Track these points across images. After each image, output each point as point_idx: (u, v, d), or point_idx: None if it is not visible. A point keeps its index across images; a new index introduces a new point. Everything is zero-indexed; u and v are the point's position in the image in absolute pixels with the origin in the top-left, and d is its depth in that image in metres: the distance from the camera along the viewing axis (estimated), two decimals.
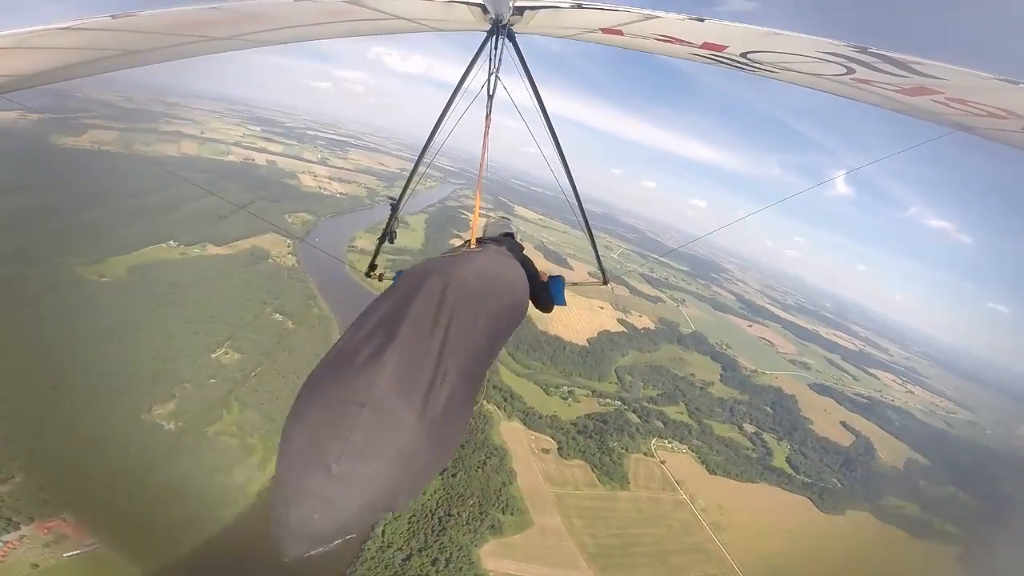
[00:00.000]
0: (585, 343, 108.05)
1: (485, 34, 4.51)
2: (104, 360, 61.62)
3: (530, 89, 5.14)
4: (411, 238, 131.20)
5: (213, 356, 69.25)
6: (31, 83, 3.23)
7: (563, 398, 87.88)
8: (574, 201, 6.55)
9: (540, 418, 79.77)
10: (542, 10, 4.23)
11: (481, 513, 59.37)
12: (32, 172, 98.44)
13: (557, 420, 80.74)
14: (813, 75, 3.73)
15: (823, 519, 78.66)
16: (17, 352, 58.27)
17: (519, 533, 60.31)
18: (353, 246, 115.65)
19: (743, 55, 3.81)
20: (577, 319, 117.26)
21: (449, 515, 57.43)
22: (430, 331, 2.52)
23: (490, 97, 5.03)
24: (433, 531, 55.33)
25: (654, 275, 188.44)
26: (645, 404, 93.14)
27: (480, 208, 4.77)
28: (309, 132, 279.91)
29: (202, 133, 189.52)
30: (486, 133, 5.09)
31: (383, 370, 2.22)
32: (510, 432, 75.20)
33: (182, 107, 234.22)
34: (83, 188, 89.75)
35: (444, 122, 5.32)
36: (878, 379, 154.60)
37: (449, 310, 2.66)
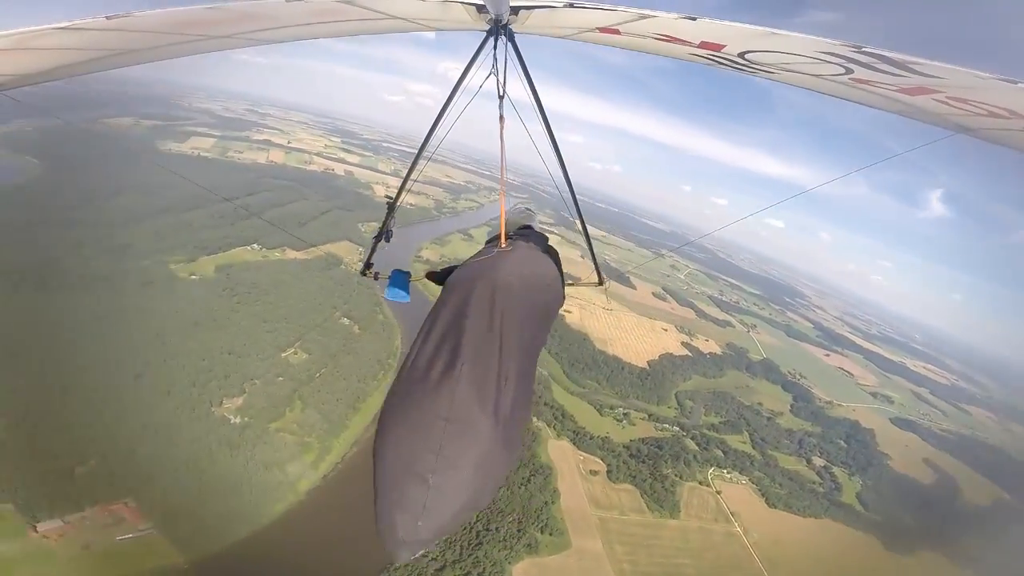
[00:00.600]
0: (645, 365, 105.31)
1: (485, 34, 4.60)
2: (185, 353, 66.32)
3: (528, 89, 5.23)
4: (473, 249, 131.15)
5: (283, 355, 73.08)
6: (30, 81, 3.45)
7: (617, 420, 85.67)
8: (574, 203, 6.78)
9: (591, 439, 78.11)
10: (538, 10, 4.29)
11: (519, 530, 58.64)
12: (140, 174, 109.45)
13: (609, 442, 78.81)
14: (812, 76, 3.67)
15: (889, 559, 73.41)
16: (108, 341, 63.69)
17: (556, 554, 59.12)
18: (419, 256, 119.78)
19: (741, 55, 3.78)
20: (638, 340, 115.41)
21: (487, 529, 57.11)
22: (488, 338, 2.80)
23: (501, 97, 5.14)
24: (469, 544, 55.16)
25: (723, 298, 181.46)
26: (705, 431, 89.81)
27: (502, 209, 4.78)
28: (384, 144, 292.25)
29: (288, 143, 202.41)
30: (501, 133, 5.13)
31: (458, 384, 2.53)
32: (558, 451, 73.99)
33: (273, 117, 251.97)
34: (183, 191, 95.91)
35: (443, 123, 5.51)
36: (971, 415, 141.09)
37: (499, 314, 2.95)
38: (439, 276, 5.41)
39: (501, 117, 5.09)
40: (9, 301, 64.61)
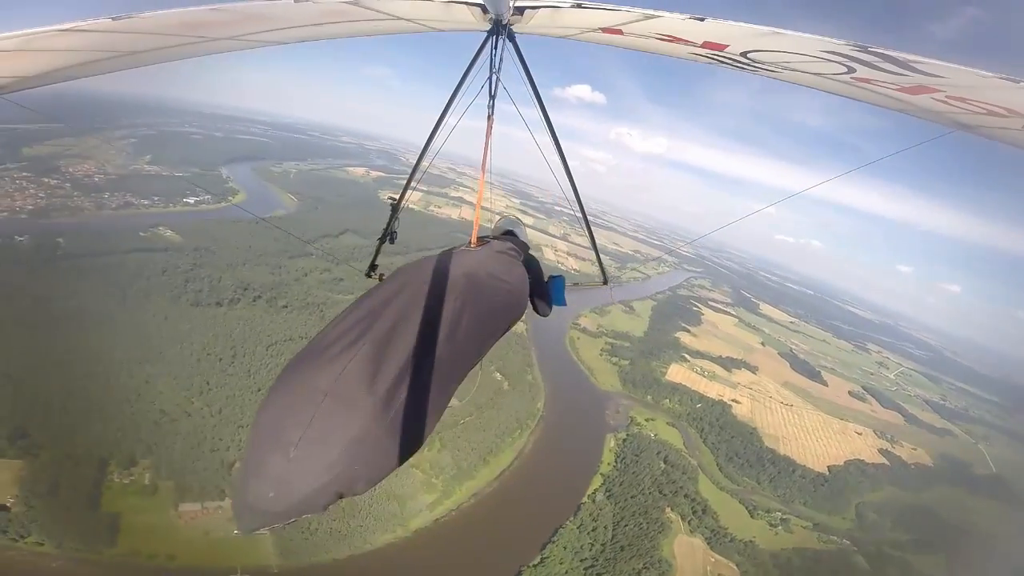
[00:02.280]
0: (824, 470, 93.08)
1: (485, 34, 4.64)
2: None
3: (531, 90, 5.32)
4: (634, 324, 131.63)
5: None
6: (34, 84, 3.35)
7: (771, 524, 75.60)
8: (578, 208, 6.88)
9: (731, 541, 70.13)
10: (542, 10, 4.33)
11: None
12: (363, 218, 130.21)
13: (752, 547, 69.70)
14: (814, 75, 3.79)
15: None
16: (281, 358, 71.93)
17: None
18: (577, 324, 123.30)
19: (743, 54, 3.89)
20: (821, 442, 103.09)
21: None
22: (405, 327, 2.68)
23: (492, 97, 5.15)
24: None
25: (946, 403, 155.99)
26: (886, 549, 77.57)
27: (477, 209, 4.84)
28: (556, 208, 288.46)
29: (473, 200, 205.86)
30: (488, 133, 5.25)
31: (351, 362, 2.41)
32: (685, 548, 67.38)
33: (468, 176, 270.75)
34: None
35: (443, 124, 5.55)
36: None
37: (430, 307, 2.85)
38: None
39: (489, 116, 5.16)
40: (245, 313, 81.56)
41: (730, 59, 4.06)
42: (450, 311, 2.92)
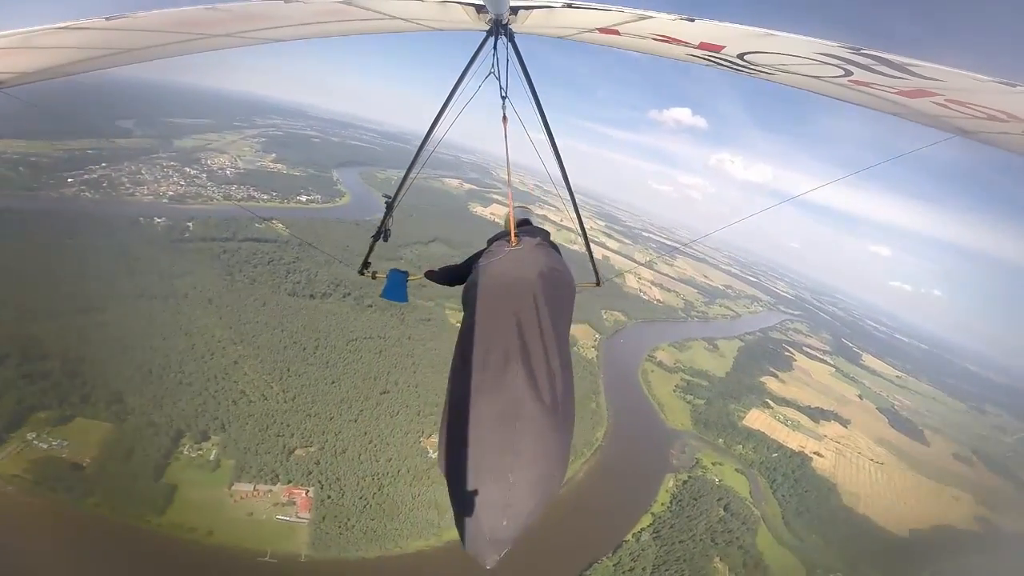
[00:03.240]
0: (905, 534, 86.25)
1: (484, 34, 4.75)
2: (427, 386, 76.23)
3: (528, 90, 5.36)
4: (716, 363, 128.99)
5: None
6: (30, 80, 3.70)
7: None
8: (572, 202, 6.95)
9: None
10: (537, 10, 4.43)
11: None
12: (451, 228, 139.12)
13: None
14: (810, 77, 3.76)
15: None
16: (382, 357, 79.69)
17: None
18: (652, 356, 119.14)
19: (740, 56, 3.88)
20: (908, 504, 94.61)
21: None
22: (532, 335, 3.03)
23: (503, 98, 5.37)
24: None
25: None
26: None
27: (510, 207, 5.17)
28: (644, 233, 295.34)
29: (560, 220, 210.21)
30: (505, 133, 5.52)
31: (520, 384, 2.75)
32: None
33: (553, 195, 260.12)
34: (473, 249, 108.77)
35: (442, 123, 5.65)
36: None
37: (537, 311, 3.19)
38: (439, 275, 5.61)
39: (504, 118, 5.37)
40: (334, 307, 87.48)
41: (727, 61, 4.05)
42: (549, 310, 3.27)
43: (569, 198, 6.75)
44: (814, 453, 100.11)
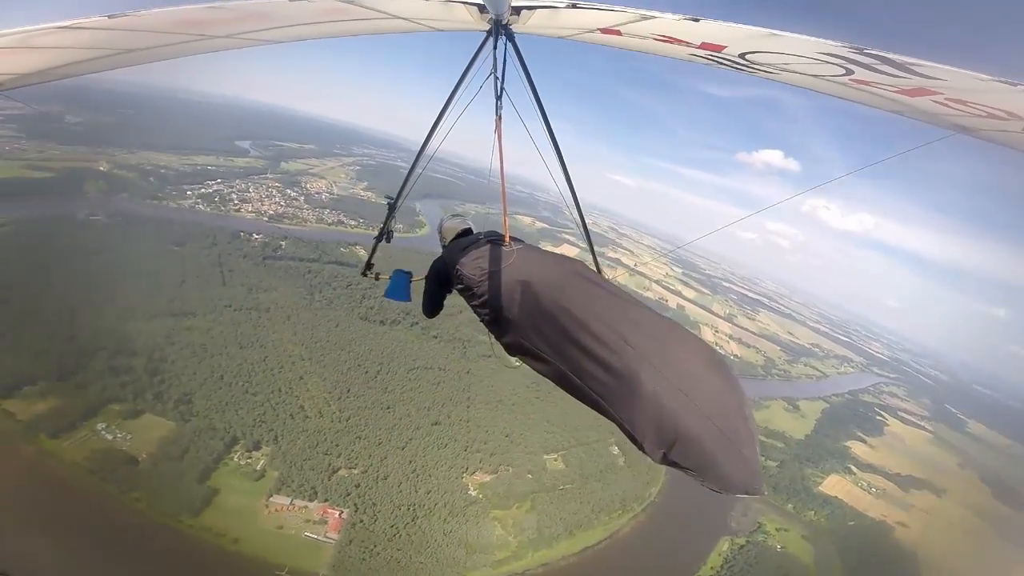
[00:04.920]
0: None
1: (484, 34, 4.86)
2: (477, 421, 78.88)
3: (529, 90, 5.42)
4: (795, 424, 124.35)
5: (544, 457, 79.40)
6: (31, 81, 3.91)
7: None
8: (575, 204, 6.95)
9: None
10: (539, 10, 4.52)
11: None
12: None
13: None
14: (812, 76, 3.83)
15: None
16: (438, 388, 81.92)
17: None
18: None
19: (741, 56, 3.94)
20: None
21: None
22: (628, 313, 3.48)
23: (498, 98, 5.43)
24: None
25: None
26: None
27: (503, 210, 5.36)
28: (724, 283, 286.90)
29: (635, 264, 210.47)
30: (498, 134, 5.56)
31: (686, 336, 3.33)
32: None
33: (628, 238, 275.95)
34: None
35: (443, 123, 5.75)
36: None
37: (601, 294, 3.65)
38: (431, 283, 5.69)
39: (498, 117, 5.41)
40: (400, 335, 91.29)
41: (728, 60, 4.11)
42: (602, 282, 3.87)
43: (571, 198, 6.70)
44: (897, 523, 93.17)
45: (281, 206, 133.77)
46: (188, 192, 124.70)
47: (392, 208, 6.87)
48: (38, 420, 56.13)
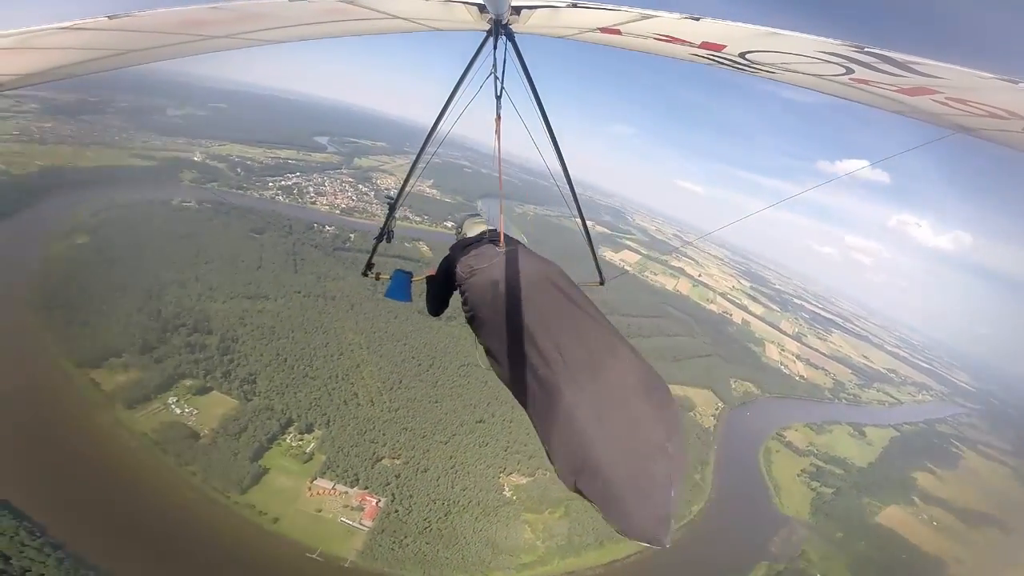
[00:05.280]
0: None
1: (484, 34, 4.85)
2: (520, 423, 76.70)
3: (529, 90, 5.39)
4: (859, 451, 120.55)
5: None
6: (32, 81, 3.92)
7: None
8: (575, 202, 7.06)
9: None
10: (539, 10, 4.50)
11: None
12: (576, 274, 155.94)
13: None
14: (812, 75, 3.78)
15: None
16: (486, 389, 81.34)
17: None
18: (781, 435, 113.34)
19: (742, 55, 3.94)
20: None
21: None
22: (582, 321, 3.44)
23: (497, 97, 5.47)
24: None
25: None
26: None
27: (500, 209, 5.41)
28: (795, 300, 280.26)
29: (699, 275, 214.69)
30: (498, 133, 5.66)
31: (622, 373, 3.07)
32: None
33: (694, 248, 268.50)
34: (603, 296, 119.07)
35: (443, 122, 5.75)
36: None
37: (566, 301, 3.63)
38: (434, 286, 5.76)
39: (498, 117, 5.47)
40: (456, 331, 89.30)
41: (729, 60, 4.13)
42: (574, 290, 3.81)
43: (571, 198, 6.89)
44: (954, 559, 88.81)
45: (352, 200, 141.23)
46: (270, 183, 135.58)
47: (392, 208, 6.94)
48: (118, 391, 62.45)
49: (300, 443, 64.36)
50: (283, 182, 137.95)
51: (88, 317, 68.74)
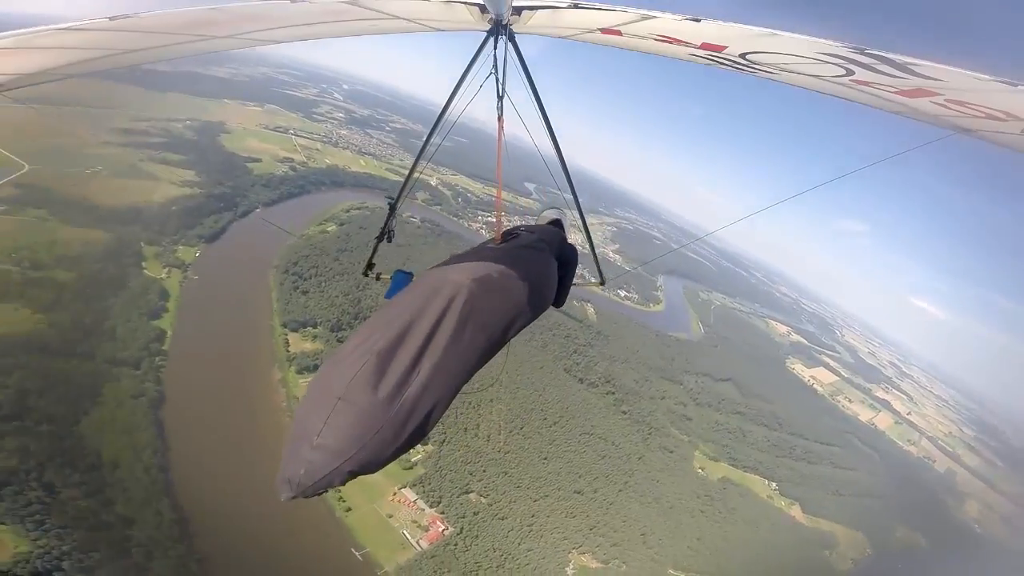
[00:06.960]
0: None
1: (485, 34, 4.87)
2: (621, 510, 77.56)
3: (529, 89, 5.52)
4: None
5: (672, 572, 74.15)
6: (32, 81, 3.99)
7: None
8: (575, 201, 7.32)
9: None
10: (540, 10, 4.53)
11: None
12: (756, 381, 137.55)
13: None
14: (812, 76, 3.84)
15: None
16: (595, 468, 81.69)
17: None
18: None
19: (742, 56, 4.00)
20: None
21: None
22: (416, 330, 3.21)
23: (499, 98, 5.41)
24: None
25: None
26: None
27: (497, 207, 5.74)
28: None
29: (907, 413, 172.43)
30: (500, 134, 5.57)
31: (363, 367, 2.98)
32: None
33: (913, 382, 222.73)
34: (777, 410, 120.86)
35: (443, 122, 5.90)
36: None
37: (439, 310, 3.34)
38: None
39: (500, 117, 5.40)
40: (591, 398, 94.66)
41: (729, 61, 4.21)
42: (456, 313, 3.37)
43: (572, 198, 7.13)
44: None
45: None
46: (479, 216, 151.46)
47: (392, 208, 6.96)
48: (299, 356, 72.42)
49: (420, 456, 67.27)
50: (490, 218, 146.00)
51: (308, 288, 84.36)
